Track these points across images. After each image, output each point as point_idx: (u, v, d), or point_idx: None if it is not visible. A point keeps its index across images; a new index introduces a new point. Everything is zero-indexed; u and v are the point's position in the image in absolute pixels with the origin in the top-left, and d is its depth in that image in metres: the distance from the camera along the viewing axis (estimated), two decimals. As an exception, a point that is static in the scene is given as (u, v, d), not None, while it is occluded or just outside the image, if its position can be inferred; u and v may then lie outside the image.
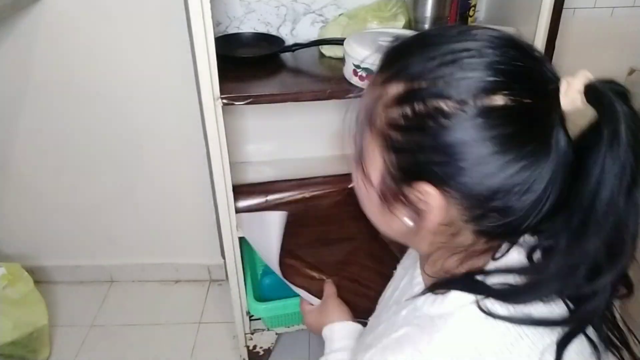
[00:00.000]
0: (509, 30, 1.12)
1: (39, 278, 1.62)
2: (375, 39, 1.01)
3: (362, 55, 0.96)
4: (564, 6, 0.99)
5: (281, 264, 1.09)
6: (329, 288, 0.97)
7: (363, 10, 1.17)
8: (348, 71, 1.02)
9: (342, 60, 1.05)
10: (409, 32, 1.07)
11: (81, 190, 1.49)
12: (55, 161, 1.44)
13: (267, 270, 1.31)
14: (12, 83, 1.30)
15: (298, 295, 1.30)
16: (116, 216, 1.54)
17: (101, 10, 1.21)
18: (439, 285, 0.52)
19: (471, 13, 1.21)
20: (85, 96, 1.33)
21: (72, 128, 1.38)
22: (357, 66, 0.99)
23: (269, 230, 1.11)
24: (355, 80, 1.01)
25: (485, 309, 0.47)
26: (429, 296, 0.53)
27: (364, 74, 0.98)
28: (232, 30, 1.23)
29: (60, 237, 1.58)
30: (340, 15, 1.21)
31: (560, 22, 1.01)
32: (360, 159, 0.53)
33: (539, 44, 1.02)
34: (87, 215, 1.54)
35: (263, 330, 1.34)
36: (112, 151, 1.42)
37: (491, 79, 0.43)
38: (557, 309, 0.48)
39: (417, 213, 0.49)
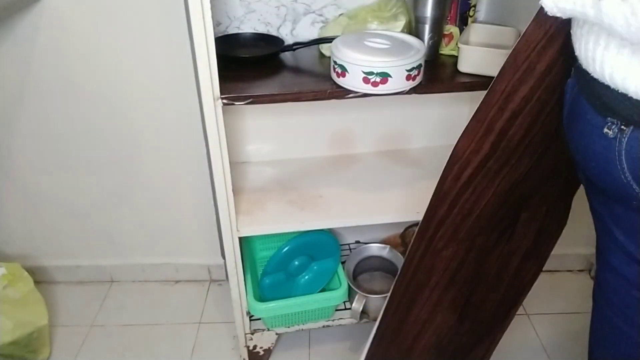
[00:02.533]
0: (509, 30, 1.12)
1: (39, 278, 1.62)
2: (361, 40, 1.03)
3: (338, 51, 0.99)
4: (564, 6, 0.99)
5: None
6: None
7: (363, 11, 1.17)
8: (331, 68, 1.05)
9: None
10: (398, 35, 1.08)
11: (81, 190, 1.49)
12: (55, 161, 1.44)
13: (267, 270, 1.31)
14: (12, 83, 1.31)
15: (298, 296, 1.31)
16: (116, 216, 1.55)
17: (101, 10, 1.21)
18: None
19: (471, 13, 1.21)
20: (85, 96, 1.33)
21: (72, 128, 1.38)
22: (335, 62, 1.01)
23: None
24: (334, 77, 1.03)
25: None
26: None
27: (339, 70, 1.00)
28: (232, 30, 1.23)
29: (60, 237, 1.58)
30: (340, 15, 1.21)
31: (560, 22, 1.01)
32: None
33: (539, 44, 1.02)
34: (87, 215, 1.54)
35: (263, 330, 1.34)
36: (112, 151, 1.42)
37: None
38: None
39: None
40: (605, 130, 0.56)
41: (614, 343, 0.72)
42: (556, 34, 0.70)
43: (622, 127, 0.54)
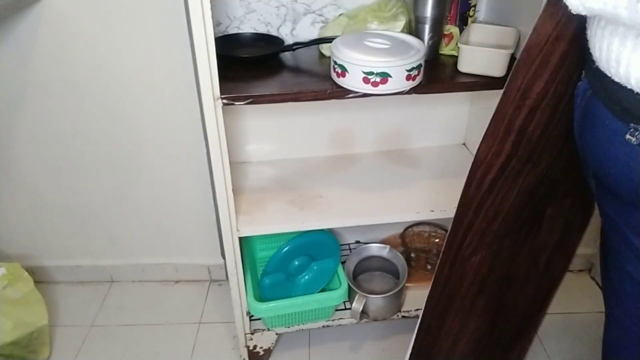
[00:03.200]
0: (510, 30, 1.12)
1: (39, 278, 1.62)
2: (361, 40, 1.03)
3: (338, 51, 0.99)
4: (564, 6, 0.99)
5: None
6: None
7: (363, 11, 1.17)
8: (331, 68, 1.05)
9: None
10: (398, 35, 1.08)
11: (81, 190, 1.49)
12: (55, 161, 1.44)
13: (267, 270, 1.32)
14: (12, 83, 1.31)
15: (298, 296, 1.31)
16: (116, 216, 1.55)
17: (101, 10, 1.21)
18: None
19: (471, 13, 1.21)
20: (85, 96, 1.33)
21: (72, 128, 1.38)
22: (335, 62, 1.01)
23: None
24: (334, 77, 1.03)
25: None
26: None
27: (339, 70, 1.00)
28: (232, 30, 1.23)
29: (60, 237, 1.58)
30: (340, 15, 1.21)
31: (560, 22, 1.01)
32: None
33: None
34: (87, 215, 1.54)
35: (263, 330, 1.34)
36: (112, 151, 1.42)
37: None
38: None
39: None
40: (628, 136, 0.54)
41: (632, 352, 0.70)
42: (567, 23, 0.68)
43: None
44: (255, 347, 1.36)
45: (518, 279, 0.99)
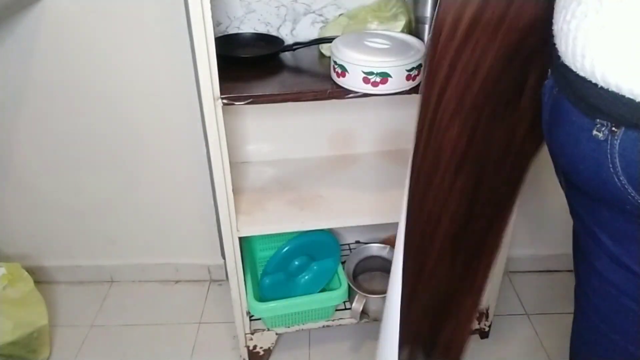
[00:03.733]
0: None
1: (39, 278, 1.62)
2: (361, 40, 1.03)
3: (338, 51, 0.99)
4: (564, 6, 0.99)
5: None
6: None
7: (363, 11, 1.17)
8: (331, 68, 1.05)
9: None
10: (398, 35, 1.08)
11: (81, 190, 1.49)
12: (55, 161, 1.44)
13: (267, 270, 1.32)
14: (13, 83, 1.31)
15: (298, 296, 1.31)
16: (116, 216, 1.55)
17: (101, 10, 1.21)
18: None
19: (471, 13, 1.21)
20: (85, 96, 1.33)
21: (72, 128, 1.38)
22: (335, 62, 1.01)
23: None
24: (334, 77, 1.03)
25: None
26: None
27: (339, 70, 1.00)
28: (232, 30, 1.23)
29: (60, 237, 1.58)
30: (340, 15, 1.21)
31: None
32: None
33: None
34: (87, 215, 1.54)
35: (263, 330, 1.34)
36: (112, 151, 1.42)
37: None
38: None
39: None
40: (595, 132, 0.53)
41: (600, 350, 0.69)
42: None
43: (613, 128, 0.51)
44: (255, 347, 1.36)
45: (497, 153, 0.85)
